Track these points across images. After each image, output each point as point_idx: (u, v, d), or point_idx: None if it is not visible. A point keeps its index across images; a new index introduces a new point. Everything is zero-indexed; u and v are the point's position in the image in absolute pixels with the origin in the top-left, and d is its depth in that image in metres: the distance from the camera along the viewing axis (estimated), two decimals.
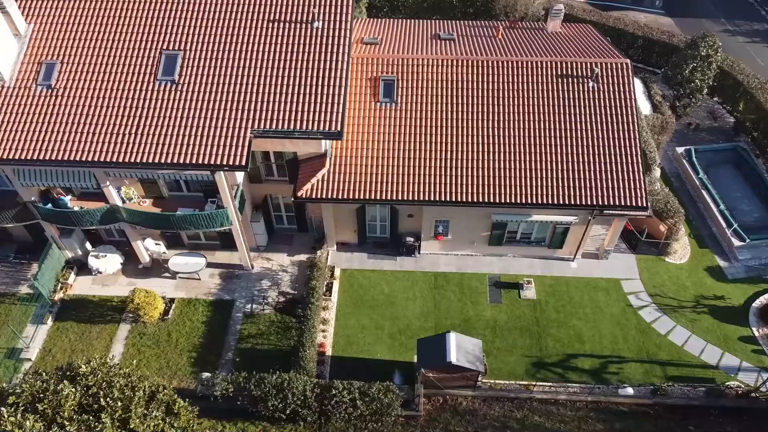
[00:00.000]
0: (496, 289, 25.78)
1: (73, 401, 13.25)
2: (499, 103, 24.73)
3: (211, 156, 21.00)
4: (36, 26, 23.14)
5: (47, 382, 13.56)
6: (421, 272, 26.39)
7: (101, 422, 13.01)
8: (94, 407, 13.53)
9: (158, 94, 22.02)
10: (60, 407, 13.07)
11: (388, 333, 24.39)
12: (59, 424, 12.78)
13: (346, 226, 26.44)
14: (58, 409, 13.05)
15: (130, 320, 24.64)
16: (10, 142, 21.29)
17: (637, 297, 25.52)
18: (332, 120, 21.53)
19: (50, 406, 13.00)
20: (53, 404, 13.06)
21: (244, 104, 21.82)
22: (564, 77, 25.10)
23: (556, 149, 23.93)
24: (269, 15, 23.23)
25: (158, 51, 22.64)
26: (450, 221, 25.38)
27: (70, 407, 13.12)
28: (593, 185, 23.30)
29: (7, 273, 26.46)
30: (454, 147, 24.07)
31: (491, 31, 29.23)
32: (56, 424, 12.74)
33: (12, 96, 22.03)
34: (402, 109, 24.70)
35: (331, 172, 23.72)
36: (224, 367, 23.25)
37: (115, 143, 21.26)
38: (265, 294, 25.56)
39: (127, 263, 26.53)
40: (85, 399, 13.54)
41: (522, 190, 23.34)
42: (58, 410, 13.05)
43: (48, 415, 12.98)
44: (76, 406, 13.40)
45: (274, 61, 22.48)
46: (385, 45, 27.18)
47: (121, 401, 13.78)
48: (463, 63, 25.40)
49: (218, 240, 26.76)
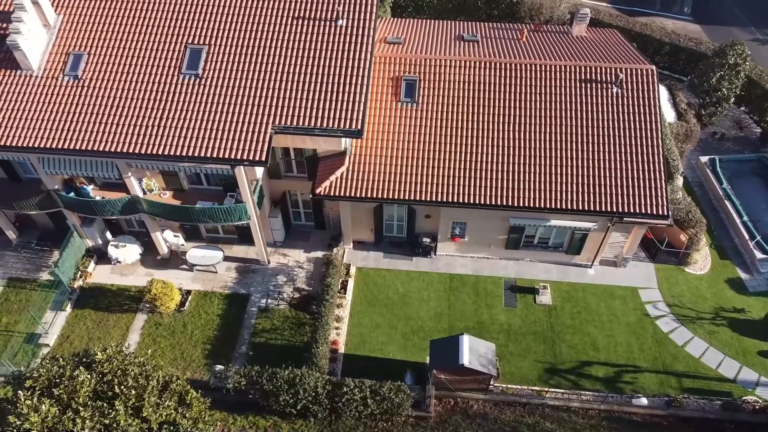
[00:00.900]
0: (511, 293, 25.63)
1: (88, 387, 13.45)
2: (521, 106, 24.58)
3: (232, 150, 21.16)
4: (65, 17, 23.49)
5: (64, 367, 13.78)
6: (436, 273, 26.34)
7: (115, 409, 13.20)
8: (108, 394, 13.72)
9: (181, 87, 22.24)
10: (75, 393, 13.28)
11: (401, 333, 24.38)
12: (74, 410, 12.99)
13: (363, 225, 26.47)
14: (74, 395, 13.26)
15: (147, 310, 24.93)
16: (36, 131, 21.65)
17: (655, 306, 25.20)
18: (353, 118, 21.57)
19: (66, 392, 13.23)
20: (69, 390, 13.27)
21: (265, 100, 21.95)
22: (588, 82, 24.87)
23: (577, 154, 23.72)
24: (294, 12, 23.32)
25: (183, 45, 22.86)
26: (467, 223, 25.28)
27: (85, 393, 13.32)
28: (614, 192, 23.05)
29: (29, 259, 26.92)
30: (474, 149, 23.97)
31: (515, 33, 29.06)
32: (71, 409, 12.94)
33: (39, 85, 22.39)
34: (423, 109, 24.67)
35: (350, 170, 23.76)
36: (237, 361, 23.42)
37: (137, 135, 21.51)
38: (280, 289, 25.70)
39: (146, 254, 26.83)
40: (100, 386, 13.74)
41: (541, 194, 23.17)
42: (73, 396, 13.26)
43: (63, 400, 13.20)
44: (91, 393, 13.60)
45: (297, 57, 22.57)
46: (408, 45, 27.16)
47: (135, 390, 13.95)
48: (486, 65, 25.28)
49: (236, 234, 26.98)
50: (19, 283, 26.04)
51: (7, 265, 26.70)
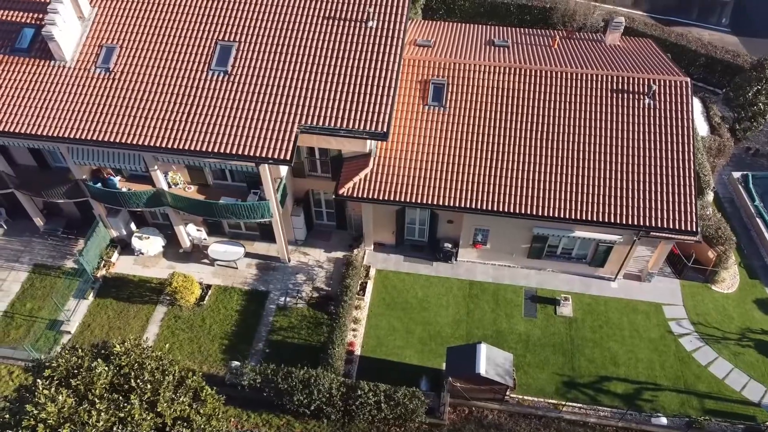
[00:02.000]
0: (531, 303, 25.30)
1: (105, 380, 13.57)
2: (549, 114, 24.23)
3: (257, 148, 21.20)
4: (99, 10, 23.79)
5: (82, 358, 13.91)
6: (456, 279, 26.12)
7: (130, 403, 13.28)
8: (124, 387, 13.82)
9: (210, 83, 22.36)
10: (92, 384, 13.40)
11: (418, 338, 24.22)
12: (90, 401, 13.10)
13: (384, 227, 26.36)
14: (91, 386, 13.39)
15: (167, 303, 25.14)
16: (66, 121, 21.96)
17: (679, 324, 24.65)
18: (379, 121, 21.47)
19: (83, 383, 13.36)
20: (86, 381, 13.41)
21: (292, 99, 21.95)
22: (620, 92, 24.42)
23: (605, 165, 23.31)
24: (325, 12, 23.29)
25: (213, 41, 22.99)
26: (490, 230, 25.02)
27: (102, 385, 13.44)
28: (641, 205, 22.60)
29: (55, 246, 27.34)
30: (500, 156, 23.70)
31: (547, 40, 28.68)
32: (87, 400, 13.05)
33: (71, 76, 22.70)
34: (450, 113, 24.46)
35: (373, 172, 23.66)
36: (254, 357, 23.49)
37: (165, 129, 21.69)
38: (299, 288, 25.72)
39: (169, 246, 27.07)
40: (117, 378, 13.85)
41: (566, 204, 22.81)
42: (90, 387, 13.39)
43: (80, 391, 13.33)
44: (108, 385, 13.71)
45: (326, 58, 22.54)
46: (437, 48, 26.97)
47: (151, 384, 14.04)
48: (516, 71, 24.98)
49: (258, 231, 27.07)
50: (44, 269, 26.46)
51: (34, 251, 27.16)
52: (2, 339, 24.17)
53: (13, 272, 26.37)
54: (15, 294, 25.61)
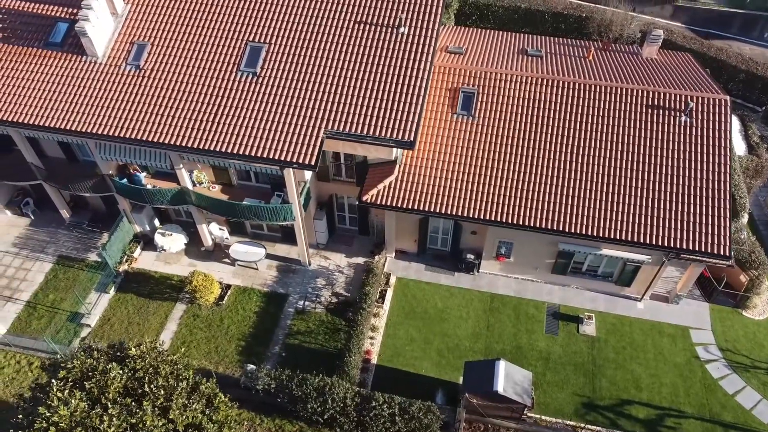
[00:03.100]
0: (553, 320, 24.75)
1: (119, 384, 13.51)
2: (581, 128, 23.65)
3: (282, 152, 21.04)
4: (132, 6, 23.88)
5: (98, 360, 13.87)
6: (477, 291, 25.68)
7: (142, 409, 13.20)
8: (137, 392, 13.75)
9: (238, 84, 22.27)
10: (106, 388, 13.35)
11: (436, 349, 23.86)
12: (102, 405, 13.05)
13: (407, 235, 26.05)
14: (104, 390, 13.34)
15: (186, 301, 25.17)
16: (94, 117, 22.07)
17: (706, 349, 23.89)
18: (406, 129, 21.15)
19: (97, 386, 13.32)
20: (100, 384, 13.36)
21: (319, 104, 21.75)
22: (655, 108, 23.73)
23: (636, 183, 22.67)
24: (356, 16, 23.05)
25: (244, 42, 22.89)
26: (514, 243, 24.54)
27: (115, 389, 13.38)
28: (673, 226, 21.92)
29: (79, 239, 27.59)
30: (528, 168, 23.21)
31: (582, 51, 28.05)
32: (100, 404, 13.00)
33: (102, 72, 22.82)
34: (479, 123, 24.03)
35: (398, 180, 23.36)
36: (270, 361, 23.38)
37: (191, 129, 21.66)
38: (318, 292, 25.54)
39: (191, 244, 27.13)
40: (131, 383, 13.79)
41: (594, 221, 22.24)
42: (104, 390, 13.34)
43: (94, 394, 13.30)
44: (121, 389, 13.65)
45: (355, 63, 22.29)
46: (469, 55, 26.54)
47: (165, 389, 13.94)
48: (549, 83, 24.44)
49: (279, 232, 26.98)
50: (68, 261, 26.72)
51: (59, 242, 27.44)
52: (24, 329, 24.45)
53: (38, 263, 26.67)
54: (38, 284, 25.89)
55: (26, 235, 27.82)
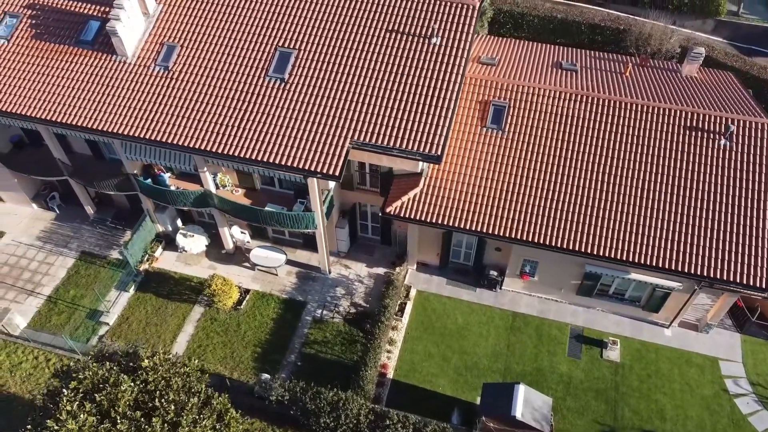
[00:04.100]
0: (576, 343, 24.05)
1: (130, 397, 13.31)
2: (615, 147, 22.91)
3: (307, 161, 20.74)
4: (164, 7, 23.79)
5: (109, 371, 13.70)
6: (499, 309, 25.10)
7: (151, 425, 12.98)
8: (148, 405, 13.54)
9: (266, 90, 22.02)
10: (116, 401, 13.17)
11: (453, 366, 23.35)
12: (112, 419, 12.87)
13: (429, 247, 25.57)
14: (114, 403, 13.15)
15: (205, 303, 25.05)
16: (121, 117, 22.02)
17: (736, 383, 22.96)
18: (434, 143, 20.68)
19: (107, 399, 13.15)
20: (110, 397, 13.18)
21: (346, 113, 21.39)
22: (693, 130, 22.88)
23: (670, 207, 21.86)
24: (388, 24, 22.63)
25: (273, 47, 22.63)
26: (539, 263, 23.89)
27: (125, 403, 13.19)
28: (707, 254, 21.08)
29: (102, 236, 27.68)
30: (557, 187, 22.55)
31: (619, 66, 27.24)
32: (109, 418, 12.82)
33: (131, 72, 22.77)
34: (509, 138, 23.42)
35: (423, 193, 22.89)
36: (285, 369, 23.13)
37: (217, 133, 21.48)
38: (337, 302, 25.22)
39: (212, 246, 27.02)
40: (141, 396, 13.59)
41: (624, 245, 21.50)
42: (114, 403, 13.16)
43: (104, 407, 13.12)
44: (132, 401, 13.45)
45: (385, 72, 21.88)
46: (502, 67, 25.93)
47: (175, 404, 13.71)
48: (583, 99, 23.73)
49: (301, 238, 26.72)
50: (90, 257, 26.81)
51: (82, 238, 27.56)
52: (44, 324, 24.58)
53: (60, 257, 26.82)
54: (60, 279, 26.03)
55: (51, 229, 28.01)
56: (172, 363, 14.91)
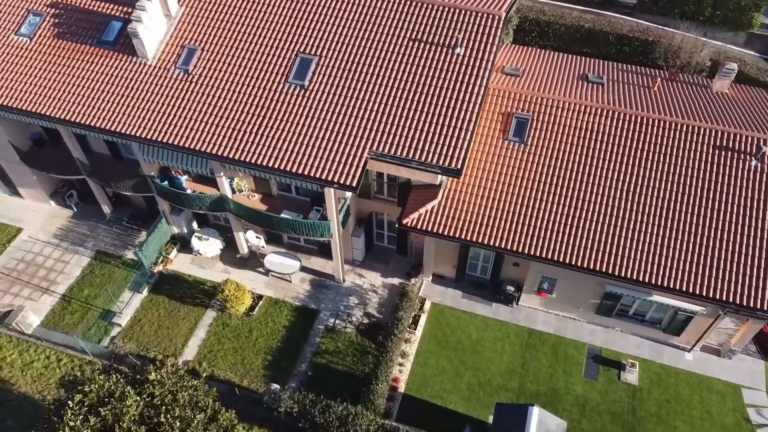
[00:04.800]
0: (593, 363, 23.45)
1: (135, 412, 13.10)
2: (640, 165, 22.26)
3: (324, 171, 20.42)
4: (186, 9, 23.62)
5: (115, 384, 13.49)
6: (515, 325, 24.57)
7: None
8: (153, 420, 13.32)
9: (285, 96, 21.74)
10: (121, 415, 12.96)
11: (466, 383, 22.90)
12: None
13: (446, 259, 25.12)
14: (119, 418, 12.94)
15: (217, 308, 24.88)
16: (139, 120, 21.91)
17: (758, 412, 22.21)
18: (454, 156, 20.24)
19: (112, 413, 12.94)
20: (115, 412, 12.98)
21: (366, 122, 21.04)
22: (722, 149, 22.15)
23: (696, 229, 21.18)
24: (412, 33, 22.20)
25: (294, 52, 22.34)
26: (558, 279, 23.33)
27: (130, 418, 12.97)
28: (733, 279, 20.38)
29: (118, 235, 27.64)
30: (579, 204, 21.97)
31: (647, 80, 26.53)
32: None
33: (150, 75, 22.63)
34: (531, 152, 22.88)
35: (441, 205, 22.46)
36: (295, 378, 22.86)
37: (234, 139, 21.26)
38: (350, 311, 24.89)
39: (227, 250, 26.84)
40: (147, 411, 13.37)
41: (646, 266, 20.87)
42: (118, 418, 12.95)
43: (108, 421, 12.92)
44: (137, 416, 13.23)
45: (406, 82, 21.47)
46: (526, 78, 25.37)
47: (181, 421, 13.47)
48: (609, 114, 23.10)
49: (316, 245, 26.44)
50: (105, 257, 26.78)
51: (98, 237, 27.56)
52: (57, 323, 24.59)
53: (76, 256, 26.83)
54: (75, 278, 26.03)
55: (67, 227, 28.05)
56: (180, 376, 14.69)
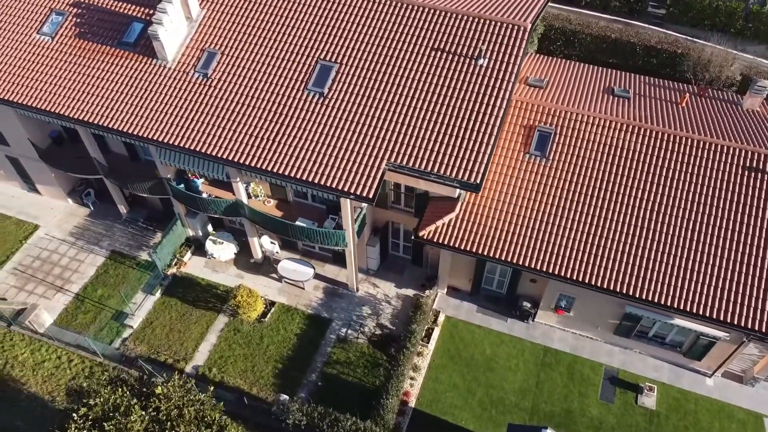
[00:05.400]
0: (610, 385, 22.86)
1: (140, 427, 12.88)
2: (665, 184, 21.62)
3: (341, 181, 20.09)
4: (207, 12, 23.43)
5: (121, 398, 13.30)
6: (530, 342, 24.06)
7: None
8: None
9: (304, 104, 21.44)
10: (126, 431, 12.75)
11: (478, 400, 22.45)
12: None
13: (461, 272, 24.68)
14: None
15: (229, 313, 24.69)
16: (157, 123, 21.77)
17: None
18: (473, 170, 19.78)
19: (116, 428, 12.74)
20: (120, 426, 12.77)
21: (384, 132, 20.66)
22: (752, 170, 21.42)
23: (722, 252, 20.50)
24: (434, 42, 21.77)
25: (314, 59, 22.03)
26: (576, 298, 22.78)
27: None
28: (758, 306, 19.67)
29: (133, 236, 27.59)
30: (601, 222, 21.39)
31: (675, 94, 25.82)
32: None
33: (169, 78, 22.48)
34: (552, 166, 22.34)
35: (459, 218, 22.01)
36: (305, 388, 22.60)
37: (251, 146, 21.01)
38: (363, 322, 24.56)
39: (241, 254, 26.66)
40: (152, 426, 13.15)
41: (669, 289, 20.24)
42: None
43: None
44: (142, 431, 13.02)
45: (427, 93, 21.05)
46: (550, 90, 24.82)
47: None
48: (635, 130, 22.48)
49: (330, 253, 26.15)
50: (120, 257, 26.75)
51: (113, 237, 27.53)
52: (70, 322, 24.59)
53: (91, 255, 26.83)
54: (89, 278, 26.02)
55: (84, 225, 28.08)
56: (187, 390, 14.46)
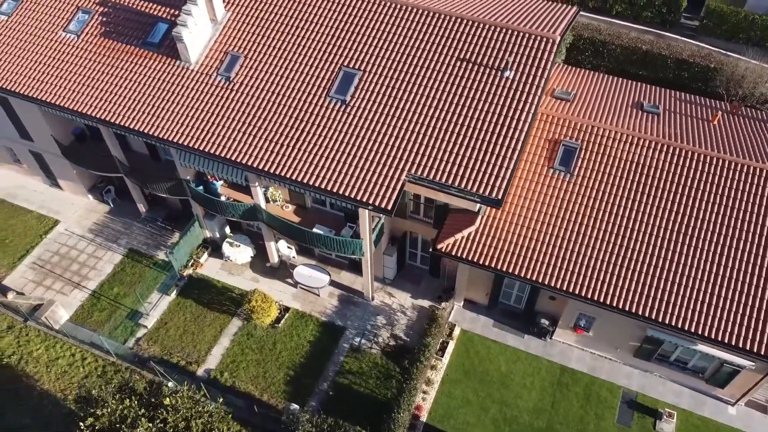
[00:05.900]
0: (628, 409, 22.27)
1: None
2: (694, 204, 20.96)
3: (359, 191, 19.80)
4: (232, 15, 23.29)
5: (128, 409, 13.16)
6: (547, 360, 23.54)
7: None
8: None
9: (326, 111, 21.18)
10: None
11: (491, 418, 22.02)
12: None
13: (479, 286, 24.25)
14: None
15: (243, 317, 24.56)
16: (178, 125, 21.68)
17: None
18: (495, 185, 19.34)
19: None
20: None
21: (405, 143, 20.31)
22: None
23: (752, 279, 19.80)
24: (460, 52, 21.35)
25: (338, 66, 21.75)
26: (596, 318, 22.21)
27: None
28: None
29: (152, 235, 27.62)
30: (625, 242, 20.81)
31: (707, 111, 25.08)
32: None
33: (192, 80, 22.38)
34: (577, 183, 21.80)
35: (478, 232, 21.59)
36: (316, 397, 22.38)
37: (271, 152, 20.81)
38: (377, 331, 24.26)
39: (257, 257, 26.52)
40: None
41: (693, 315, 19.61)
42: None
43: None
44: None
45: (451, 104, 20.65)
46: (577, 103, 24.24)
47: None
48: (664, 148, 21.83)
49: (347, 260, 25.89)
50: (137, 256, 26.79)
51: (132, 235, 27.59)
52: (85, 319, 24.67)
53: (109, 253, 26.92)
54: (106, 275, 26.11)
55: (103, 222, 28.19)
56: (196, 401, 14.29)
